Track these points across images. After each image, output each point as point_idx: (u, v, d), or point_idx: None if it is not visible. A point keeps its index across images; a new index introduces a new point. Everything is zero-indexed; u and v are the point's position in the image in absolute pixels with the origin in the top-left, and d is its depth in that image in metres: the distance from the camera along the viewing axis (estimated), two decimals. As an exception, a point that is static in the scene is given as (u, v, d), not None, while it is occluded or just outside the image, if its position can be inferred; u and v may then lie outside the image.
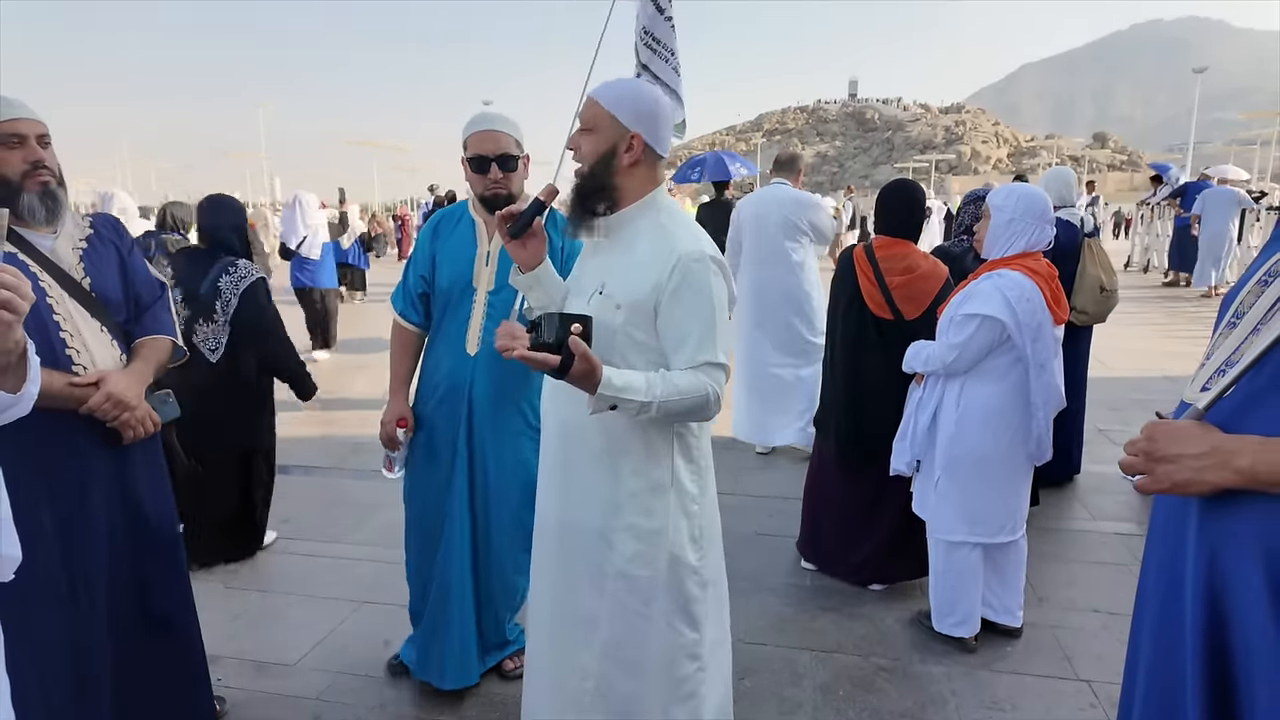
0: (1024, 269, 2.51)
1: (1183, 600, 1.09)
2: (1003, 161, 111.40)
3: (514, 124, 2.36)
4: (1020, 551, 2.72)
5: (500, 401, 2.37)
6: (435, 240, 2.44)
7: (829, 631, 2.86)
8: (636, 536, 1.70)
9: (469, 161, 2.33)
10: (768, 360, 4.72)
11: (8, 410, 1.30)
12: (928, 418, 2.67)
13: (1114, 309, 4.08)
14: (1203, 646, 1.05)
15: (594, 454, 1.70)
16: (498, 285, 2.35)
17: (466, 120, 2.39)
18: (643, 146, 1.66)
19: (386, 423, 2.42)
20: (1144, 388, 6.15)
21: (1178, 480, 1.03)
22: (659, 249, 1.64)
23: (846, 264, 3.13)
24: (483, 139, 2.31)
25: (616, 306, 1.64)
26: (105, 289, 1.96)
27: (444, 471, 2.40)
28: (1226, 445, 1.00)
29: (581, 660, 1.78)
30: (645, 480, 1.70)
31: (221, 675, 2.63)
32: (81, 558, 1.85)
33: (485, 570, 2.45)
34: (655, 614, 1.73)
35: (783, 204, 4.63)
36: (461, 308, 2.37)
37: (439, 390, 2.40)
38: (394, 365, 2.49)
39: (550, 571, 1.82)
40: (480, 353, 2.34)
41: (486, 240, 2.39)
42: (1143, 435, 1.09)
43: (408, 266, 2.49)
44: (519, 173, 2.37)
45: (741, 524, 3.81)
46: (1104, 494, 4.11)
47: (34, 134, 1.83)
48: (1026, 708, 2.42)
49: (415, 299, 2.45)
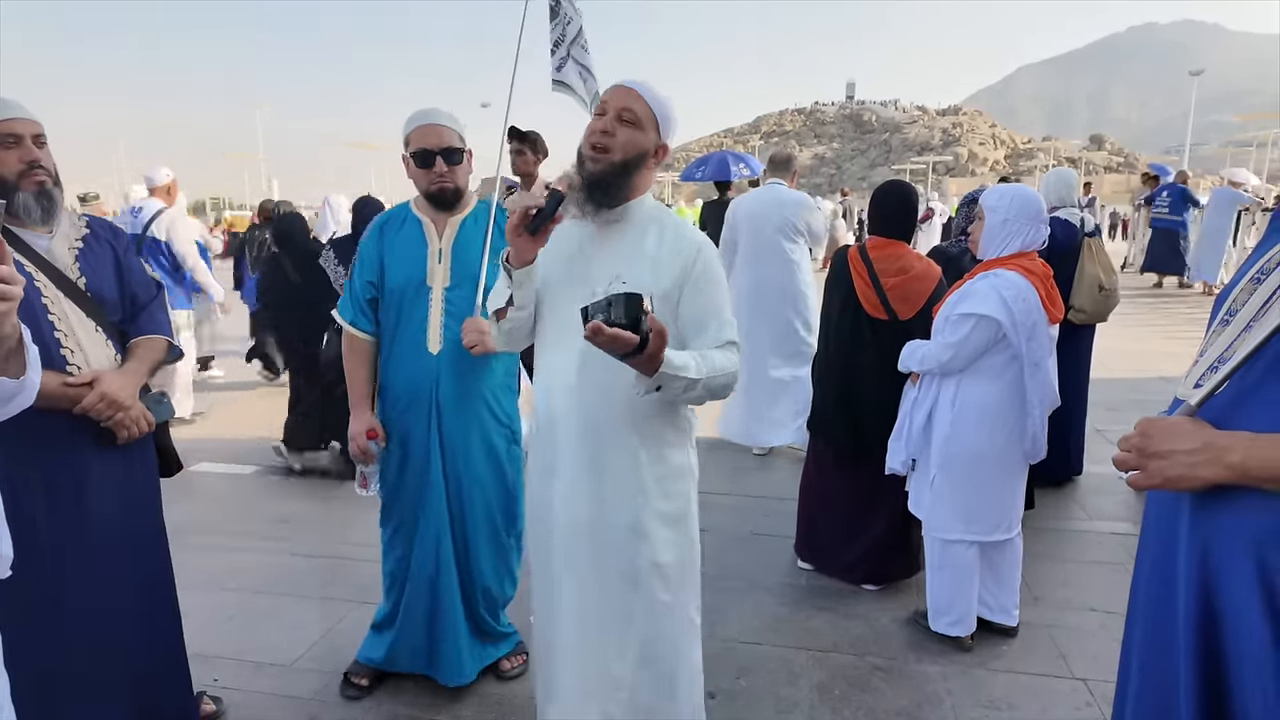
0: (1019, 269, 2.52)
1: (1175, 597, 1.10)
2: (1000, 163, 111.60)
3: (456, 119, 2.33)
4: (1016, 550, 2.73)
5: (467, 397, 2.36)
6: (381, 243, 2.38)
7: (825, 631, 2.86)
8: (665, 523, 1.75)
9: (412, 157, 2.29)
10: (765, 360, 4.73)
11: (13, 400, 1.30)
12: (923, 416, 2.68)
13: (1115, 309, 4.08)
14: (1195, 643, 1.05)
15: (624, 447, 1.71)
16: (453, 282, 2.33)
17: (406, 116, 2.34)
18: (665, 156, 1.75)
19: (356, 437, 2.36)
20: (1142, 388, 6.17)
21: (1170, 476, 1.03)
22: (674, 240, 1.72)
23: (841, 264, 3.15)
24: (425, 133, 2.27)
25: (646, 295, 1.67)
26: (101, 289, 1.96)
27: (420, 474, 2.38)
28: (1218, 441, 1.00)
29: (614, 670, 1.76)
30: (669, 466, 1.76)
31: (218, 675, 2.63)
32: (74, 556, 1.85)
33: (471, 564, 2.44)
34: (677, 604, 1.79)
35: (780, 205, 4.65)
36: (417, 308, 2.33)
37: (403, 395, 2.36)
38: (351, 378, 2.42)
39: (580, 573, 1.75)
40: (444, 350, 2.32)
41: (437, 238, 2.36)
42: (1136, 431, 1.09)
43: (352, 273, 2.42)
44: (464, 166, 2.35)
45: (738, 524, 3.82)
46: (1101, 494, 4.11)
47: (30, 134, 1.83)
48: (1022, 706, 2.42)
49: (364, 305, 2.39)
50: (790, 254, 4.64)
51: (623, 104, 1.66)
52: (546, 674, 1.89)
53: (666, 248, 1.71)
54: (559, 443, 1.76)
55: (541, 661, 1.91)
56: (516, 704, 2.46)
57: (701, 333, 1.70)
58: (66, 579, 1.84)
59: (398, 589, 2.47)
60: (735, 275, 4.86)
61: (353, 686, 2.52)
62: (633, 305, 1.41)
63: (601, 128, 1.65)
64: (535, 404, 1.85)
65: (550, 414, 1.77)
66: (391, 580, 2.49)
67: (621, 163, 1.66)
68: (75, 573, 1.85)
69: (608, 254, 1.73)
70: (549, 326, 1.79)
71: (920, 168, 68.88)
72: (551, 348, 1.78)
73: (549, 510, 1.79)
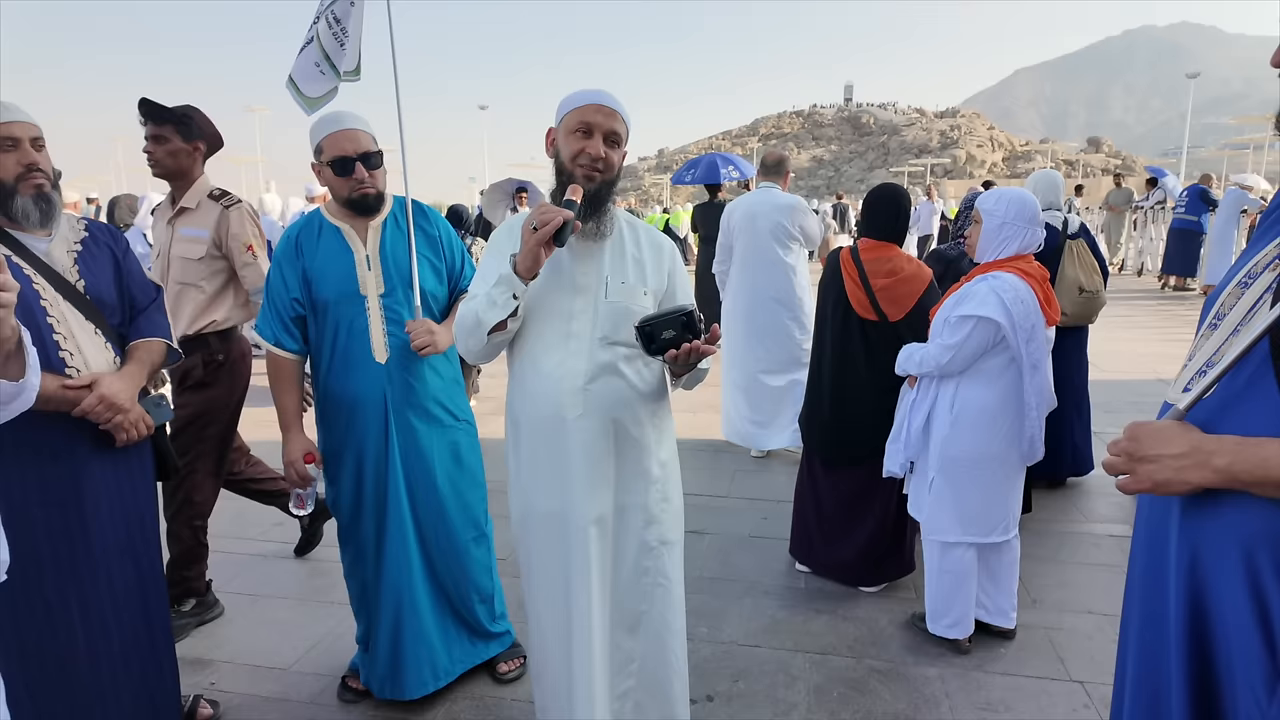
0: (1017, 271, 2.53)
1: (1166, 601, 1.10)
2: (998, 165, 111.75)
3: (365, 120, 2.27)
4: (1013, 552, 2.73)
5: (420, 401, 2.32)
6: (300, 257, 2.27)
7: (823, 633, 2.87)
8: (669, 502, 1.91)
9: (330, 165, 2.20)
10: (760, 364, 4.73)
11: (13, 402, 1.30)
12: (921, 419, 2.68)
13: (1100, 311, 4.08)
14: (1185, 647, 1.05)
15: (639, 439, 1.83)
16: (387, 288, 2.28)
17: (312, 122, 2.27)
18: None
19: (294, 462, 2.29)
20: (1138, 390, 6.18)
21: (1158, 480, 1.04)
22: (649, 242, 1.90)
23: (833, 266, 3.17)
24: (339, 139, 2.20)
25: (645, 293, 1.83)
26: (100, 292, 1.96)
27: (376, 489, 2.32)
28: (1205, 445, 1.01)
29: (625, 644, 1.89)
30: (667, 449, 1.92)
31: (215, 678, 2.63)
32: (71, 560, 1.85)
33: (450, 567, 2.42)
34: (677, 578, 1.93)
35: (775, 208, 4.64)
36: (355, 319, 2.25)
37: (352, 408, 2.28)
38: (280, 400, 2.33)
39: (602, 562, 1.82)
40: (391, 358, 2.27)
41: (361, 244, 2.29)
42: (1125, 435, 1.09)
43: (269, 291, 2.31)
44: (382, 169, 2.30)
45: (735, 526, 3.82)
46: (1097, 496, 4.12)
47: (28, 136, 1.83)
48: (1020, 709, 2.43)
49: (289, 323, 2.29)
50: (784, 258, 4.63)
51: (608, 128, 1.75)
52: (562, 672, 1.83)
53: (645, 249, 1.89)
54: (573, 445, 1.77)
55: (555, 660, 1.85)
56: (514, 706, 2.46)
57: None
58: (64, 582, 1.84)
59: (365, 612, 2.44)
60: (731, 280, 4.86)
61: (350, 690, 2.52)
62: (694, 320, 1.59)
63: (596, 153, 1.73)
64: (528, 411, 1.82)
65: (559, 419, 1.77)
66: (359, 604, 2.46)
67: (613, 180, 1.80)
68: (72, 576, 1.85)
69: (593, 259, 1.81)
70: (540, 335, 1.80)
71: (918, 170, 69.03)
72: (548, 355, 1.78)
73: (562, 510, 1.80)
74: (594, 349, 1.76)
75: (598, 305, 1.78)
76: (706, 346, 1.61)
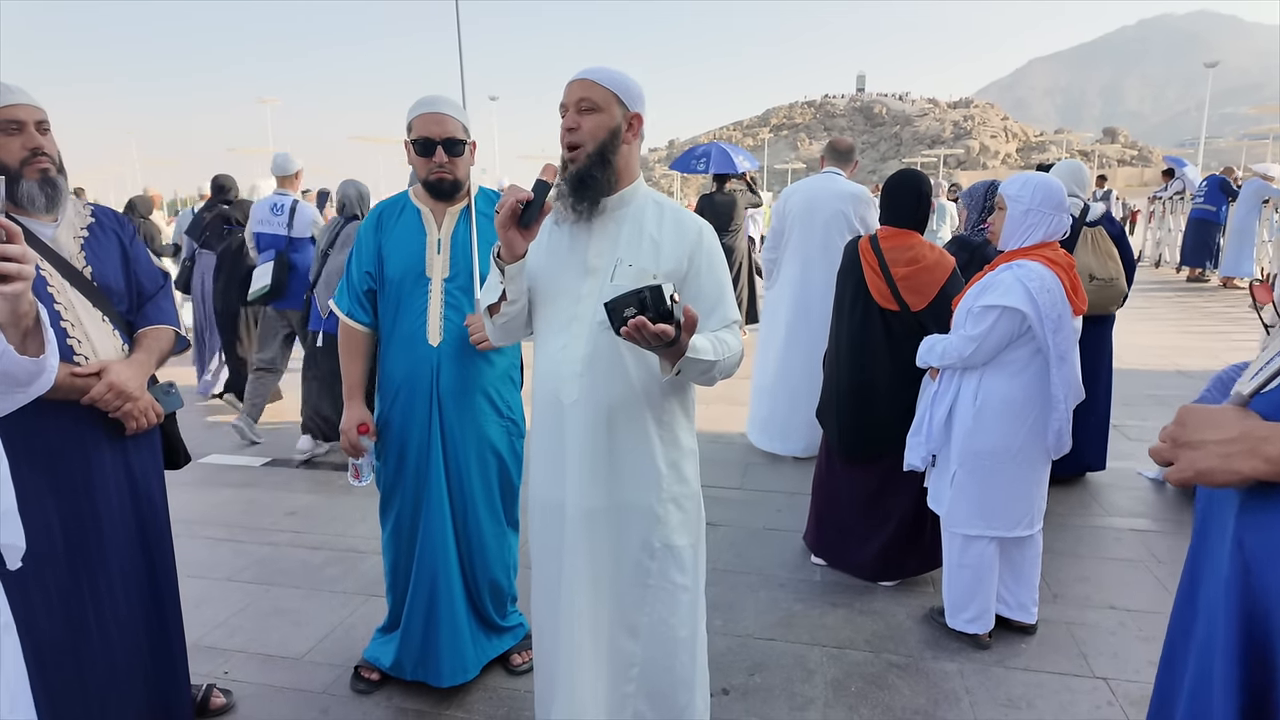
0: (1043, 259, 2.46)
1: (1216, 610, 0.99)
2: (1011, 156, 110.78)
3: (460, 108, 2.29)
4: (1036, 547, 2.67)
5: (468, 390, 2.32)
6: (379, 233, 2.34)
7: (840, 627, 2.83)
8: (679, 506, 1.78)
9: (413, 144, 2.25)
10: (806, 364, 4.39)
11: (34, 381, 1.27)
12: (944, 412, 2.62)
13: (1120, 300, 3.93)
14: (1236, 659, 0.95)
15: (639, 433, 1.73)
16: (453, 272, 2.30)
17: (413, 101, 2.31)
18: (640, 125, 1.74)
19: (347, 430, 2.33)
20: (1158, 383, 6.09)
21: (1201, 468, 0.93)
22: (676, 224, 1.75)
23: (851, 255, 3.10)
24: (428, 121, 2.23)
25: (655, 276, 1.68)
26: (107, 278, 1.93)
27: (418, 469, 2.34)
28: (1257, 430, 0.90)
29: (626, 647, 1.79)
30: (681, 450, 1.79)
31: (229, 668, 2.62)
32: (83, 549, 1.83)
33: (472, 559, 2.41)
34: (694, 587, 1.83)
35: (836, 195, 4.41)
36: (416, 299, 2.28)
37: (401, 389, 2.31)
38: (346, 370, 2.40)
39: (594, 559, 1.75)
40: (444, 343, 2.28)
41: (436, 228, 2.32)
42: (1175, 419, 0.99)
43: (349, 264, 2.38)
44: (465, 158, 2.30)
45: (750, 519, 3.78)
46: (1118, 489, 4.05)
47: (32, 120, 1.80)
48: (1042, 705, 2.38)
49: (361, 297, 2.36)
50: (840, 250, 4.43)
51: (578, 96, 1.68)
52: (550, 665, 1.85)
53: (667, 231, 1.74)
54: (568, 431, 1.73)
55: (546, 653, 1.87)
56: (527, 698, 2.43)
57: (710, 314, 1.73)
58: (75, 571, 1.82)
59: (400, 587, 2.44)
60: (784, 269, 4.62)
61: (363, 680, 2.50)
62: (660, 297, 1.41)
63: (567, 125, 1.68)
64: (536, 393, 1.81)
65: (558, 403, 1.74)
66: (393, 578, 2.46)
67: (597, 151, 1.68)
68: (83, 565, 1.83)
69: (606, 240, 1.73)
70: (549, 316, 1.77)
71: (931, 160, 68.44)
72: (554, 337, 1.75)
73: (559, 498, 1.77)
74: (595, 333, 1.69)
75: (604, 288, 1.70)
76: (660, 327, 1.41)
